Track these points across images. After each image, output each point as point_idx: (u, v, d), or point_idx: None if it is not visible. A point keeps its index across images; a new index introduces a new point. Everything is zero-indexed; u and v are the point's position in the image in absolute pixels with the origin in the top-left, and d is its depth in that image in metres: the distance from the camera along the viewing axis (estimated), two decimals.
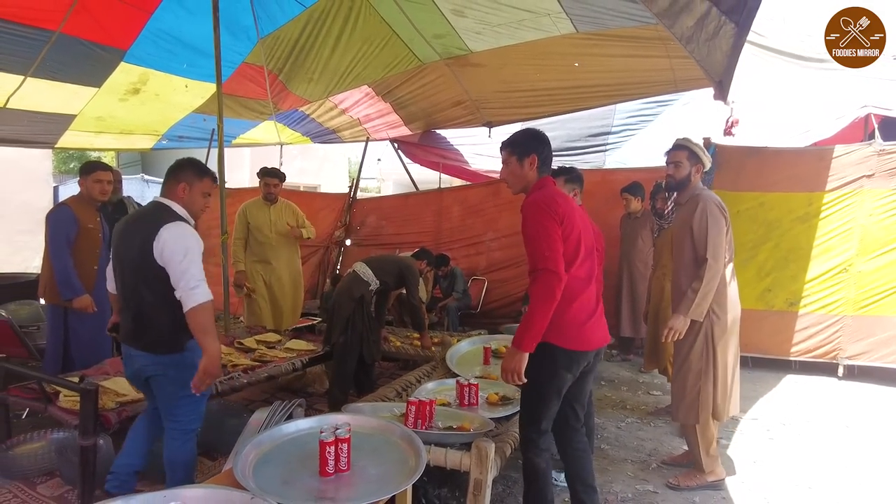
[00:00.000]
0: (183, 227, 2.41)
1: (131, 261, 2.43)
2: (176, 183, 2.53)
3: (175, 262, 2.32)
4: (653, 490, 3.11)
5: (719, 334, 3.06)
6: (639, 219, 5.49)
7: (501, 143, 2.53)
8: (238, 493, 1.72)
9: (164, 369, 2.46)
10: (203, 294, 2.30)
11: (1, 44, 4.48)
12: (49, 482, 2.87)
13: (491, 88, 6.24)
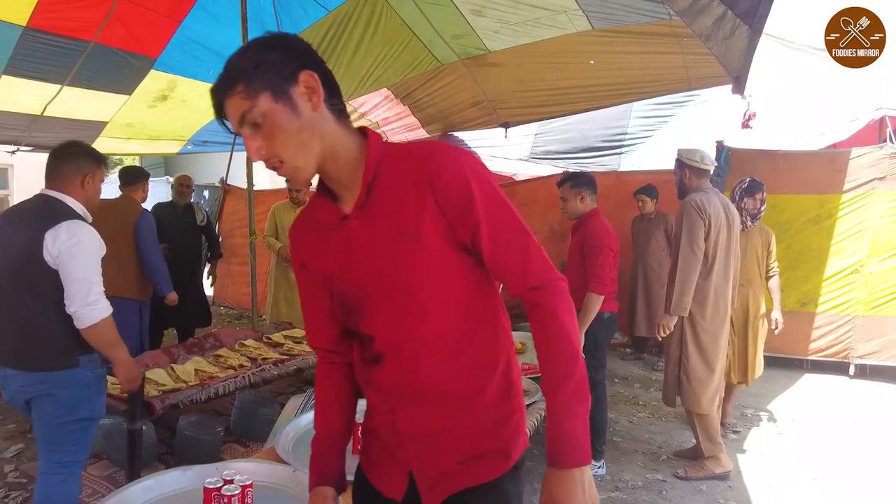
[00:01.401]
0: (84, 229, 2.10)
1: (11, 266, 2.07)
2: (76, 173, 2.16)
3: (73, 270, 2.03)
4: (662, 479, 3.26)
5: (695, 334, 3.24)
6: (653, 220, 5.58)
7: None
8: (281, 467, 1.90)
9: (51, 389, 2.10)
10: (104, 308, 2.08)
11: (42, 55, 4.75)
12: (98, 464, 3.09)
13: (508, 88, 6.36)
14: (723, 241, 3.23)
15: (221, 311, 8.56)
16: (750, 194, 3.94)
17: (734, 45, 2.76)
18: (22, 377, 2.11)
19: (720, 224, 3.21)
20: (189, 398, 3.18)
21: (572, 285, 3.25)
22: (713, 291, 3.20)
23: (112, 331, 2.12)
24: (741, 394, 4.86)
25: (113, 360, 2.15)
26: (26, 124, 6.17)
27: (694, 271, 3.12)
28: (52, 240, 2.00)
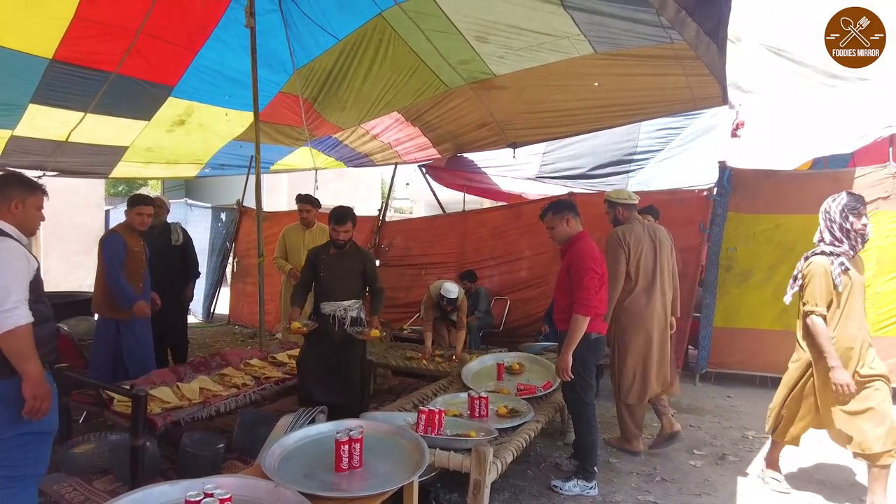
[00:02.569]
0: (7, 243, 2.21)
1: None
2: (6, 200, 2.30)
3: None
4: (653, 501, 3.27)
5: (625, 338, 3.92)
6: None
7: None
8: (264, 483, 2.01)
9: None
10: (20, 317, 2.11)
11: (66, 85, 5.02)
12: (104, 479, 3.21)
13: (514, 110, 6.47)
14: (646, 262, 3.92)
15: (236, 329, 8.75)
16: (855, 212, 3.17)
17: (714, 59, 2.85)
18: None
19: (641, 248, 3.90)
20: (191, 416, 3.31)
21: (560, 307, 3.35)
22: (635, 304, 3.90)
23: (24, 343, 2.13)
24: (743, 415, 4.85)
25: (22, 372, 2.14)
26: (51, 150, 6.48)
27: (618, 289, 3.84)
28: None
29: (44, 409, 2.19)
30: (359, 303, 3.95)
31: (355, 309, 3.89)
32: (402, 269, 7.91)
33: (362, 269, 3.94)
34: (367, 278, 3.99)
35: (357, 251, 4.01)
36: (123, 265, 4.14)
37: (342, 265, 3.87)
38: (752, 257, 5.78)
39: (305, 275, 3.95)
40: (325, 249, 3.92)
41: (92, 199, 11.33)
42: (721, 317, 5.86)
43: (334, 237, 3.84)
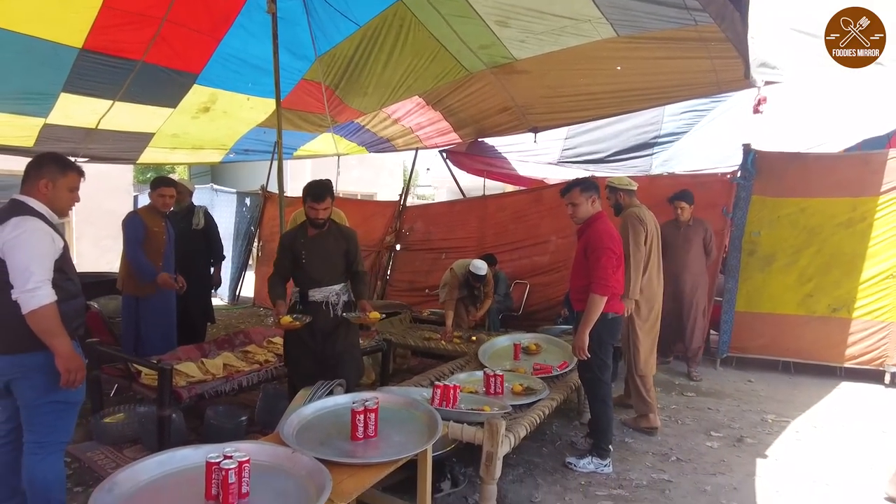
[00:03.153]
0: (31, 223, 2.23)
1: None
2: (37, 179, 2.35)
3: (15, 259, 2.17)
4: (667, 479, 3.29)
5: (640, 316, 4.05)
6: (691, 227, 5.39)
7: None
8: (282, 448, 2.10)
9: (26, 372, 2.27)
10: (43, 297, 2.18)
11: (96, 73, 5.14)
12: (133, 447, 3.36)
13: (536, 94, 6.43)
14: (653, 244, 4.09)
15: (261, 311, 8.93)
16: None
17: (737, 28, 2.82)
18: (1, 360, 2.29)
19: (651, 231, 4.05)
20: (214, 389, 3.43)
21: (577, 288, 3.38)
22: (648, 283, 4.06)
23: (51, 320, 2.20)
24: (764, 399, 4.81)
25: (52, 348, 2.22)
26: (82, 137, 6.66)
27: (640, 266, 3.94)
28: (1, 231, 2.19)
29: (79, 379, 2.29)
30: (348, 285, 3.61)
31: (346, 292, 3.56)
32: (423, 253, 7.97)
33: (345, 248, 3.52)
34: (348, 259, 3.54)
35: (338, 230, 3.57)
36: (142, 244, 4.29)
37: (324, 247, 3.46)
38: (775, 241, 5.69)
39: (282, 263, 3.48)
40: (302, 232, 3.47)
41: (121, 185, 11.63)
42: (743, 301, 5.80)
43: (312, 216, 3.38)
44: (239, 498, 1.78)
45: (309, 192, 3.37)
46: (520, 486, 3.16)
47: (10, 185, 10.36)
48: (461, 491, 3.08)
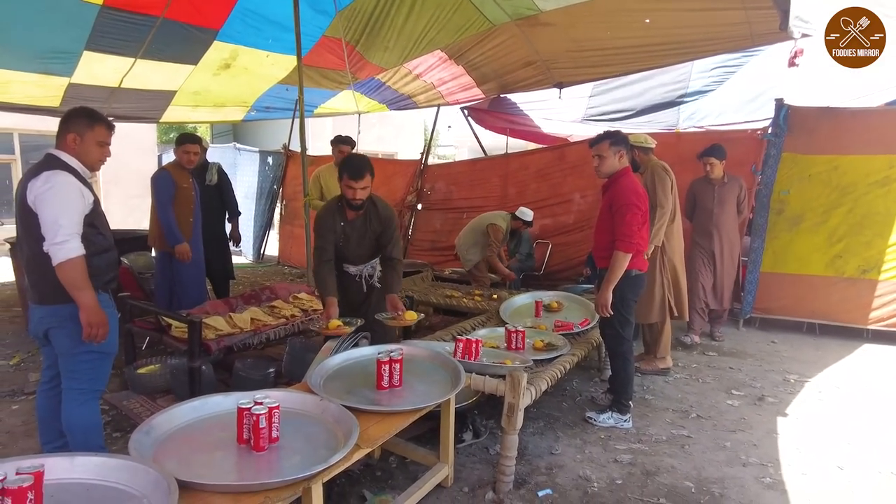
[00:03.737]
0: (61, 177, 2.26)
1: (18, 211, 2.35)
2: (66, 133, 2.37)
3: (45, 212, 2.22)
4: (687, 435, 3.32)
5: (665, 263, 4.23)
6: (726, 184, 5.09)
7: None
8: (311, 396, 2.16)
9: (61, 321, 2.34)
10: (71, 250, 2.21)
11: (117, 31, 5.13)
12: (166, 397, 3.48)
13: (561, 48, 6.25)
14: (676, 199, 4.23)
15: (286, 270, 9.08)
16: None
17: None
18: (39, 310, 2.38)
19: (674, 184, 4.18)
20: (243, 342, 3.51)
21: (601, 244, 3.36)
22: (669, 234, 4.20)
23: (77, 273, 2.24)
24: (786, 360, 4.79)
25: (77, 301, 2.27)
26: (106, 96, 6.70)
27: (667, 214, 4.09)
28: (31, 188, 2.24)
29: (100, 335, 2.34)
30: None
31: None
32: (444, 212, 7.96)
33: (380, 231, 3.24)
34: (382, 242, 3.27)
35: (375, 212, 3.20)
36: (172, 200, 4.36)
37: (363, 232, 3.21)
38: (805, 200, 5.54)
39: (326, 249, 3.15)
40: (341, 215, 3.16)
41: (146, 144, 11.74)
42: (769, 261, 5.70)
43: (350, 196, 3.03)
44: (269, 442, 1.85)
45: (346, 168, 3.03)
46: (540, 439, 3.22)
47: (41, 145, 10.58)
48: (482, 442, 3.15)
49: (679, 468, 2.92)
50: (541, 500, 2.59)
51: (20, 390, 3.79)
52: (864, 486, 2.79)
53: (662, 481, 2.78)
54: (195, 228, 4.48)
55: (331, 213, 3.17)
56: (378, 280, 3.37)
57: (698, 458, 3.05)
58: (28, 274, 2.40)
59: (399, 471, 2.84)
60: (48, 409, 2.56)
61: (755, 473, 2.88)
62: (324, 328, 2.77)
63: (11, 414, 3.41)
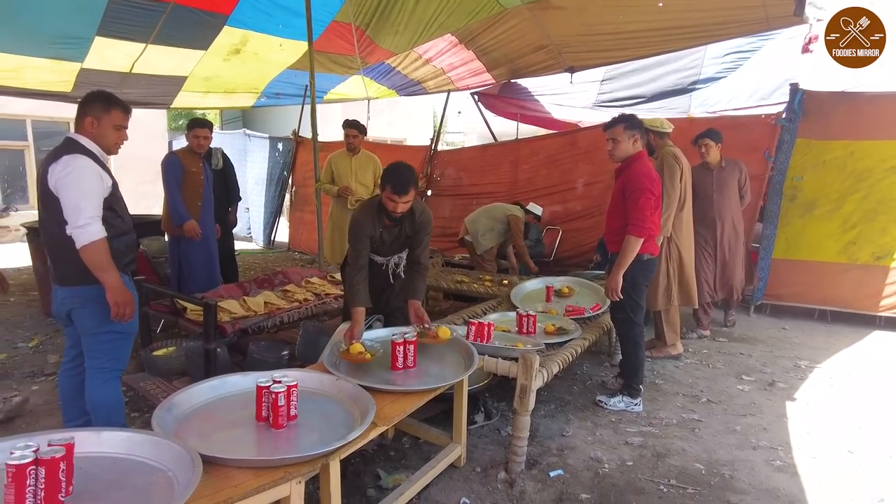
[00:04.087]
0: (80, 161, 2.30)
1: (40, 195, 2.40)
2: (84, 116, 2.40)
3: (66, 196, 2.25)
4: (697, 419, 3.34)
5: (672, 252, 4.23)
6: (724, 168, 4.92)
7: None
8: (327, 376, 2.20)
9: (84, 302, 2.40)
10: (93, 233, 2.26)
11: (128, 17, 5.15)
12: (182, 379, 3.54)
13: (573, 32, 6.19)
14: (686, 186, 4.19)
15: (296, 256, 9.13)
16: None
17: None
18: (62, 291, 2.43)
19: (685, 171, 4.15)
20: (257, 325, 3.56)
21: (613, 228, 3.36)
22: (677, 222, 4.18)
23: (101, 255, 2.28)
24: (797, 346, 4.78)
25: (102, 282, 2.32)
26: (118, 81, 6.73)
27: (673, 204, 4.07)
28: (52, 172, 2.27)
29: (127, 313, 2.39)
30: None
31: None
32: (454, 198, 7.97)
33: (413, 234, 3.11)
34: (412, 244, 3.13)
35: (411, 218, 3.03)
36: (180, 184, 4.40)
37: (397, 235, 3.11)
38: (819, 187, 5.50)
39: (363, 255, 2.97)
40: (379, 221, 3.00)
41: (156, 131, 11.77)
42: (781, 248, 5.67)
43: (391, 208, 2.84)
44: (288, 420, 1.88)
45: (390, 180, 2.79)
46: (551, 421, 3.25)
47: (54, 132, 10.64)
48: (494, 424, 3.19)
49: (689, 451, 2.95)
50: (552, 480, 2.62)
51: (40, 371, 3.87)
52: (874, 470, 2.80)
53: (673, 463, 2.81)
54: (204, 212, 4.52)
55: (370, 218, 2.97)
56: (403, 270, 3.29)
57: (708, 441, 3.07)
58: (51, 256, 2.44)
59: (412, 451, 2.88)
60: (71, 389, 2.62)
61: (765, 456, 2.90)
62: (345, 352, 2.47)
63: (33, 394, 3.48)
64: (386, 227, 3.04)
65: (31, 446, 1.34)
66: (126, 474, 1.51)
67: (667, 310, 4.30)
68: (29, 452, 1.31)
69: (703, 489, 2.57)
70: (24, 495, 1.29)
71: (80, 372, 2.57)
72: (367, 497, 2.46)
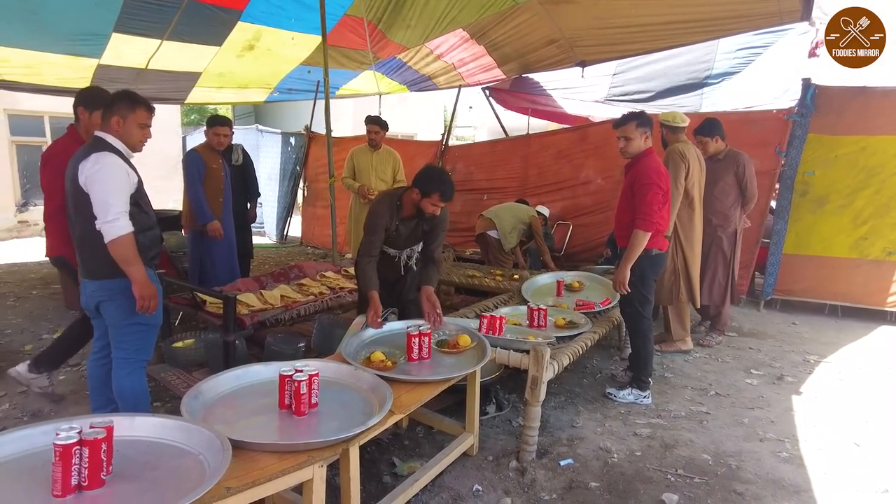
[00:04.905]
0: (109, 158, 2.38)
1: (68, 191, 2.48)
2: (110, 116, 2.48)
3: (95, 192, 2.34)
4: (705, 411, 3.39)
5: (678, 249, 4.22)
6: (721, 161, 4.57)
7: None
8: (346, 366, 2.28)
9: (112, 295, 2.48)
10: (121, 227, 2.34)
11: (144, 13, 5.24)
12: (201, 371, 3.63)
13: (585, 25, 6.21)
14: (696, 181, 4.13)
15: (308, 251, 9.24)
16: None
17: None
18: (91, 284, 2.52)
19: (693, 168, 4.06)
20: (274, 317, 3.65)
21: (622, 223, 3.41)
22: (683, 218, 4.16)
23: (128, 249, 2.37)
24: (807, 341, 4.81)
25: (129, 275, 2.40)
26: (133, 77, 6.84)
27: (678, 202, 4.02)
28: (82, 169, 2.36)
29: (152, 306, 2.48)
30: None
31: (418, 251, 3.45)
32: (464, 193, 8.01)
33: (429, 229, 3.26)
34: (427, 239, 3.28)
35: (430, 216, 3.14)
36: (202, 180, 4.49)
37: (414, 229, 3.24)
38: (830, 182, 5.51)
39: (375, 246, 3.10)
40: (397, 213, 3.13)
41: (170, 126, 11.90)
42: (792, 243, 5.69)
43: (430, 212, 3.04)
44: (310, 407, 1.96)
45: (438, 188, 2.98)
46: (561, 413, 3.32)
47: None
48: (506, 415, 3.26)
49: (697, 442, 3.00)
50: (562, 468, 2.69)
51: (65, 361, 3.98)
52: (880, 462, 2.84)
53: (680, 454, 2.87)
54: (225, 207, 4.61)
55: (389, 210, 3.09)
56: (416, 263, 3.40)
57: (716, 433, 3.13)
58: (79, 250, 2.53)
59: (426, 440, 2.97)
60: (98, 378, 2.72)
61: (772, 448, 2.95)
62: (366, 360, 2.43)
63: (60, 383, 3.60)
64: (403, 221, 3.15)
65: (74, 428, 1.43)
66: (159, 457, 1.60)
67: (671, 305, 4.36)
68: (73, 434, 1.41)
69: (709, 479, 2.64)
70: (70, 472, 1.38)
71: (107, 362, 2.67)
72: (383, 483, 2.55)
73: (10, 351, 4.24)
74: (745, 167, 4.54)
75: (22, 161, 10.40)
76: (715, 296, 4.68)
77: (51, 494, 1.39)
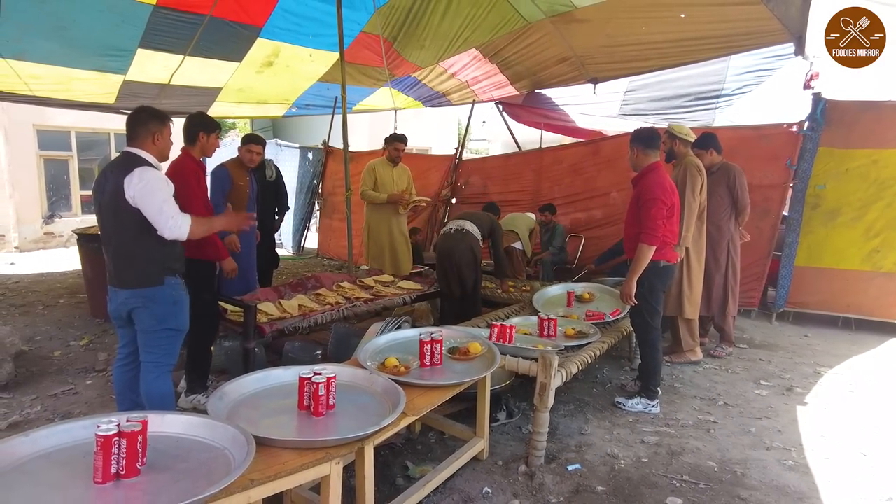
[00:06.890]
0: (152, 172, 2.58)
1: (107, 205, 2.60)
2: (148, 134, 2.67)
3: (148, 203, 2.51)
4: (713, 420, 3.44)
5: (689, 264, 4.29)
6: (714, 173, 4.57)
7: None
8: (361, 371, 2.39)
9: (145, 302, 2.64)
10: (184, 221, 2.56)
11: (168, 29, 5.47)
12: (221, 377, 3.77)
13: (596, 44, 6.31)
14: (705, 196, 4.24)
15: (325, 262, 9.40)
16: None
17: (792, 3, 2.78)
18: (122, 293, 2.66)
19: (705, 181, 4.20)
20: (293, 326, 3.76)
21: (629, 236, 3.50)
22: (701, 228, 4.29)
23: (201, 225, 2.68)
24: (819, 353, 4.82)
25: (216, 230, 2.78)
26: (157, 93, 7.09)
27: (695, 214, 4.12)
28: (128, 184, 2.51)
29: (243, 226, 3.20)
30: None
31: None
32: (478, 206, 8.10)
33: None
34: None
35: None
36: (226, 196, 4.62)
37: None
38: (842, 195, 5.54)
39: None
40: None
41: None
42: (804, 256, 5.71)
43: None
44: (327, 409, 2.07)
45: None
46: (570, 420, 3.39)
47: (95, 142, 11.12)
48: (515, 422, 3.34)
49: (703, 450, 3.06)
50: (570, 473, 2.76)
51: (91, 368, 4.15)
52: (886, 471, 2.87)
53: (687, 461, 2.93)
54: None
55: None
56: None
57: (723, 441, 3.18)
58: (116, 261, 2.67)
59: (437, 445, 3.06)
60: (124, 383, 2.87)
61: (778, 457, 2.99)
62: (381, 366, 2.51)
63: (87, 388, 3.75)
64: None
65: (113, 421, 1.56)
66: (189, 451, 1.72)
67: (678, 316, 4.40)
68: (113, 426, 1.53)
69: (714, 485, 2.69)
70: (111, 461, 1.51)
71: (132, 368, 2.82)
72: (396, 486, 2.64)
73: (40, 357, 4.41)
74: (737, 178, 4.58)
75: (49, 174, 10.73)
76: (713, 307, 4.74)
77: (92, 481, 1.51)
